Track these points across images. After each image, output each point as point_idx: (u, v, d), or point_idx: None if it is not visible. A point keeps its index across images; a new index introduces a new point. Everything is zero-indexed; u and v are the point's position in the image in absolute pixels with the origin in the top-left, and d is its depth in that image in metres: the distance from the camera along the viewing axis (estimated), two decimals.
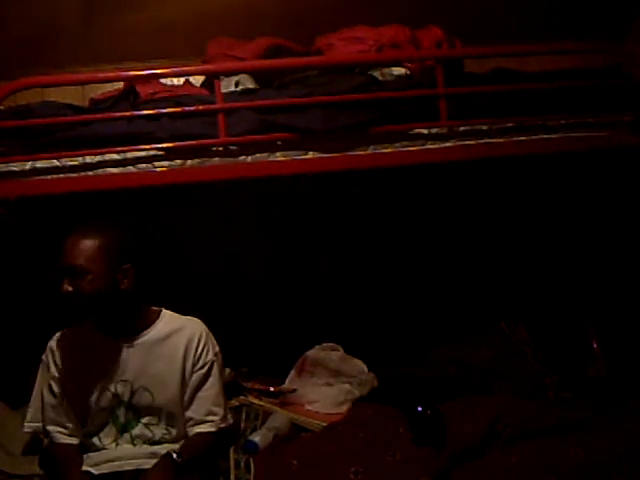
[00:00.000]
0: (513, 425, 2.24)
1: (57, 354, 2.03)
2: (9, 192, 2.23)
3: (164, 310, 2.10)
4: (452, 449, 2.13)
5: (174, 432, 2.04)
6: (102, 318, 2.00)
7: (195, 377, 2.03)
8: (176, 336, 2.04)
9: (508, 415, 2.28)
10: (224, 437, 2.11)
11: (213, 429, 2.04)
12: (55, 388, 2.02)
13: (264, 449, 2.25)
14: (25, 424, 2.12)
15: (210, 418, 2.04)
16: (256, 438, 2.30)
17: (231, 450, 2.25)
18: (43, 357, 2.07)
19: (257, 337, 2.95)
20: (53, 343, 2.06)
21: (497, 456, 2.13)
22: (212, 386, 2.05)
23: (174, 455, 1.89)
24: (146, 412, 2.02)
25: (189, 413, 2.03)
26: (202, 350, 2.04)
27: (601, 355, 2.84)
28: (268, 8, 3.00)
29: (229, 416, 2.13)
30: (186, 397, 2.03)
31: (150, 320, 2.05)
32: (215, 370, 2.06)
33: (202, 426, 2.03)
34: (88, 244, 1.89)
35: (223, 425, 2.07)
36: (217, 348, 2.09)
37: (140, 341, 2.02)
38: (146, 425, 2.02)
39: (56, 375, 2.02)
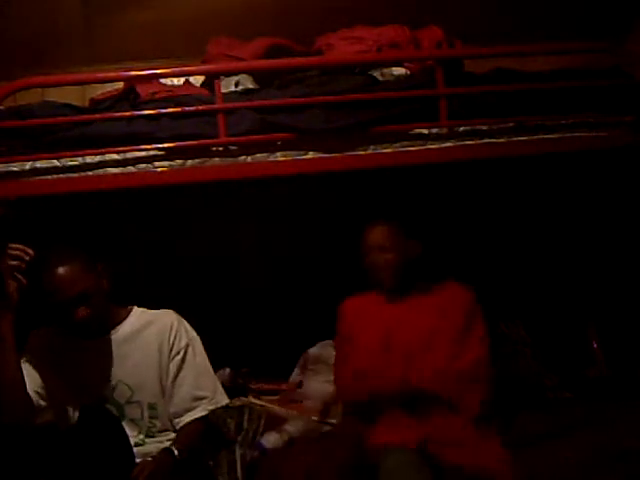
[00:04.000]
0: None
1: (35, 354, 2.03)
2: (9, 192, 2.23)
3: (135, 307, 2.12)
4: None
5: (158, 424, 2.05)
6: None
7: (172, 365, 2.04)
8: (148, 329, 2.07)
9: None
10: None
11: (202, 413, 2.04)
12: (34, 385, 1.97)
13: (272, 451, 2.25)
14: None
15: (196, 404, 2.04)
16: (266, 441, 2.29)
17: (237, 447, 2.25)
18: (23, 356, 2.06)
19: (257, 337, 2.94)
20: (31, 342, 2.06)
21: None
22: (191, 370, 2.05)
23: (175, 452, 1.90)
24: (128, 407, 2.03)
25: (173, 406, 2.03)
26: (175, 338, 2.06)
27: (601, 355, 2.84)
28: (268, 8, 3.00)
29: (220, 396, 2.11)
30: (167, 387, 2.03)
31: (120, 317, 2.09)
32: (191, 355, 2.07)
33: (190, 414, 2.03)
34: (78, 269, 1.95)
35: (212, 407, 2.07)
36: (192, 333, 2.10)
37: (112, 337, 2.04)
38: (132, 420, 2.04)
39: (36, 374, 1.99)
